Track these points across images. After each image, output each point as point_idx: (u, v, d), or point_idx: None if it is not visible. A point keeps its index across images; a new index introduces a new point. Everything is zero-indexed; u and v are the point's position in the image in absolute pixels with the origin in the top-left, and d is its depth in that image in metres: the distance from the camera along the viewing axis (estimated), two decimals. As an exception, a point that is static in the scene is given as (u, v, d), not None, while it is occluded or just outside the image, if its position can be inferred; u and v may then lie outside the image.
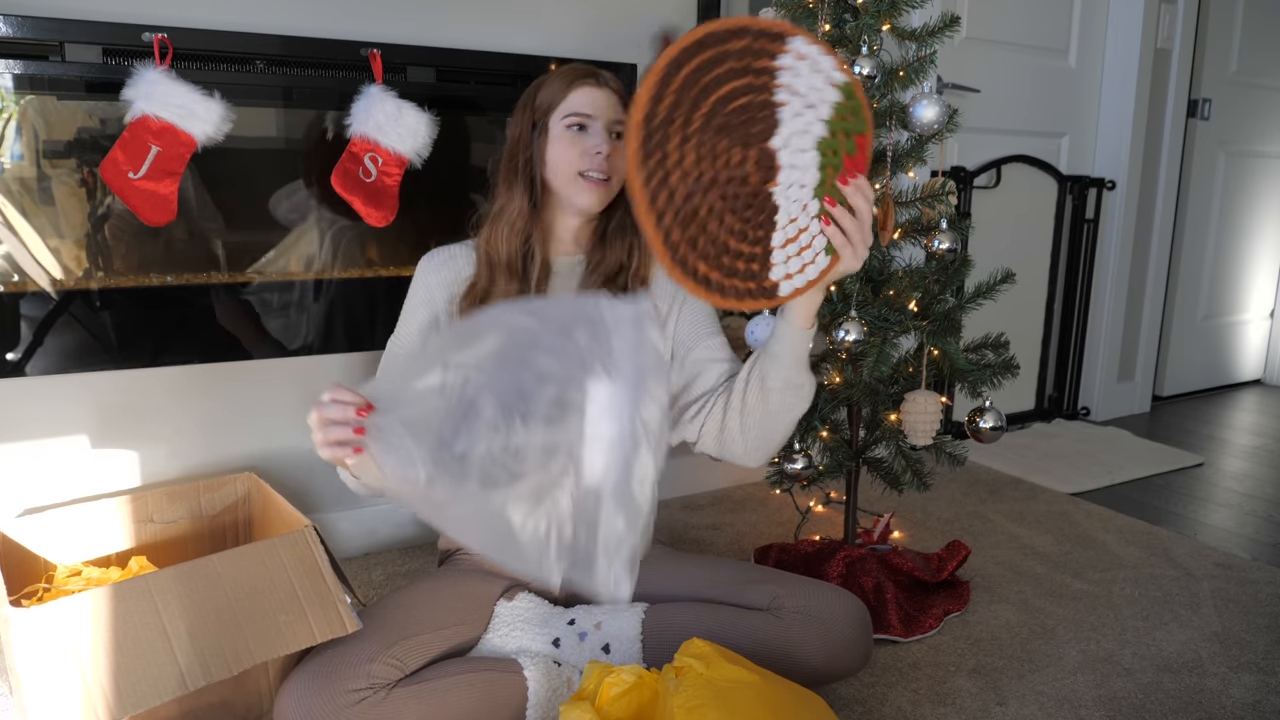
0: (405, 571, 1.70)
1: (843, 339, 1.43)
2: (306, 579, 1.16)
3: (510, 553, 0.94)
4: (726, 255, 1.02)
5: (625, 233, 1.29)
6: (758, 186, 1.02)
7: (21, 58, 1.37)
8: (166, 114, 1.38)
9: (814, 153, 1.04)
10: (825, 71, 1.03)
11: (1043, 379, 2.89)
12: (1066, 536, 1.94)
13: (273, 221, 1.60)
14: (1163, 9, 2.77)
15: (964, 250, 1.58)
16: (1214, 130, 3.08)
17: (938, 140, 1.52)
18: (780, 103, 1.01)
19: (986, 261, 1.90)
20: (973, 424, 1.50)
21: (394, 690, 1.07)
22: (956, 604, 1.58)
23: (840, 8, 1.53)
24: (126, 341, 1.50)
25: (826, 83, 1.03)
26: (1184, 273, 3.14)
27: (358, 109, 1.53)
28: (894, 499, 2.09)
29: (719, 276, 1.02)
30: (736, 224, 1.02)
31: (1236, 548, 1.95)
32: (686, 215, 0.99)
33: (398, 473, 0.92)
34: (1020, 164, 2.67)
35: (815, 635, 1.19)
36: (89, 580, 1.35)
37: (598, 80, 1.25)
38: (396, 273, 1.70)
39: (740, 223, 1.02)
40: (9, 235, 1.40)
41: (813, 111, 1.03)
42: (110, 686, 1.01)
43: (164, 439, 1.60)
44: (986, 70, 2.54)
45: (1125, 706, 1.32)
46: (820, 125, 1.04)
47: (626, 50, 1.87)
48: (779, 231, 1.05)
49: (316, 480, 1.74)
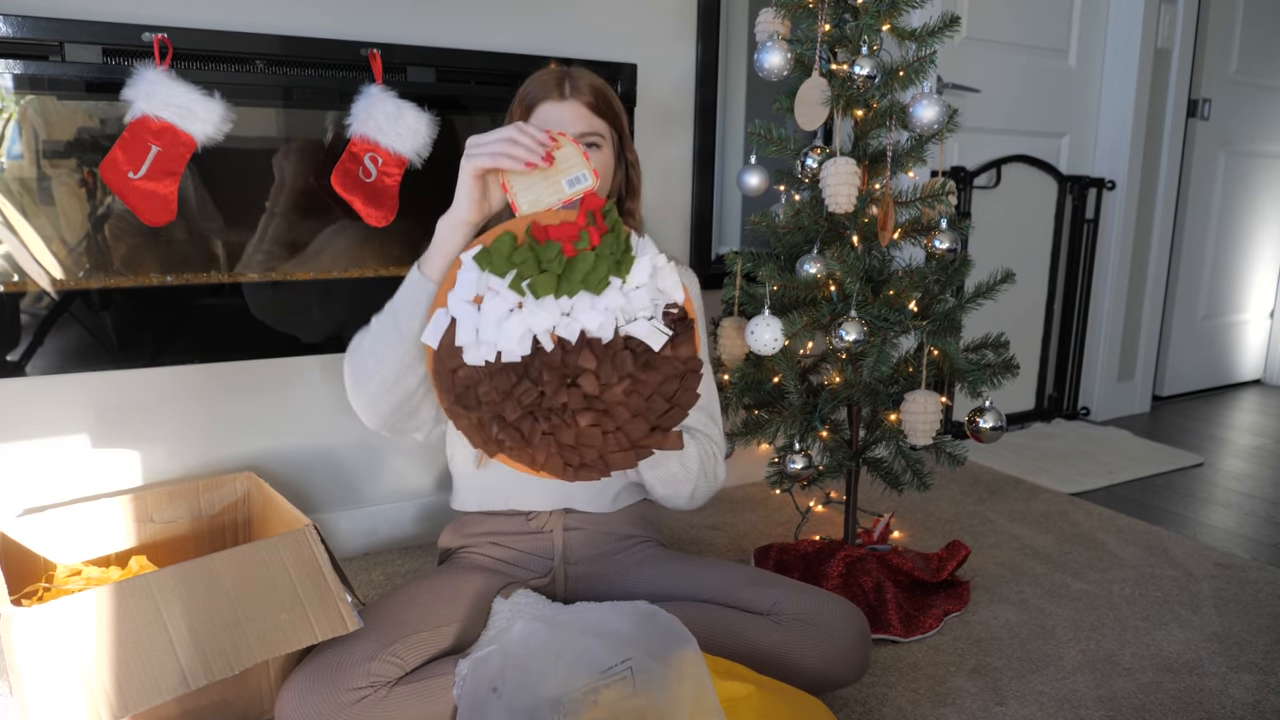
0: (405, 571, 1.70)
1: (843, 339, 1.43)
2: (307, 578, 1.16)
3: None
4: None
5: None
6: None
7: (21, 58, 1.37)
8: (166, 114, 1.38)
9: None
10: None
11: (1043, 379, 2.89)
12: (1066, 536, 1.94)
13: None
14: (1163, 9, 2.77)
15: (964, 250, 1.58)
16: (1214, 130, 3.08)
17: (938, 140, 1.52)
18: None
19: (986, 261, 1.91)
20: (973, 424, 1.50)
21: (394, 688, 1.07)
22: (956, 604, 1.58)
23: (840, 8, 1.53)
24: (126, 341, 1.50)
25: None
26: (1184, 272, 3.15)
27: (358, 109, 1.53)
28: (894, 499, 2.09)
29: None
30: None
31: (1236, 548, 1.95)
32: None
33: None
34: (1020, 164, 2.67)
35: (815, 644, 1.19)
36: (89, 580, 1.35)
37: (562, 93, 1.21)
38: (397, 273, 1.70)
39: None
40: (9, 235, 1.40)
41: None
42: (112, 685, 1.01)
43: (164, 439, 1.60)
44: (986, 70, 2.54)
45: (1125, 706, 1.32)
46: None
47: (627, 50, 1.87)
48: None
49: (316, 480, 1.74)
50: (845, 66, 1.48)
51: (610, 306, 1.02)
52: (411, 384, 1.14)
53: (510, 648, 1.07)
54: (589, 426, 1.02)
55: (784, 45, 1.50)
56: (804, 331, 1.53)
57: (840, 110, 1.50)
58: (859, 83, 1.45)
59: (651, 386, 1.03)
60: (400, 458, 1.82)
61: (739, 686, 1.03)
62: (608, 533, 1.38)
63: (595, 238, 1.02)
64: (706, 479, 1.26)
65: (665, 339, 1.04)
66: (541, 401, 1.01)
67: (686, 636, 1.04)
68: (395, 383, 1.14)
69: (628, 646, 1.03)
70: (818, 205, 1.56)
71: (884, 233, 1.48)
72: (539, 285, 1.01)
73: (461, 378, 1.02)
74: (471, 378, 1.02)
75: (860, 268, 1.49)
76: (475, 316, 1.01)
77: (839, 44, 1.51)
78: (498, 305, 1.01)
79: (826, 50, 1.53)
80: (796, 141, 1.60)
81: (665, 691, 0.98)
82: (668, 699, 0.98)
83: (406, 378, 1.13)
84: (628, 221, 1.29)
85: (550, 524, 1.36)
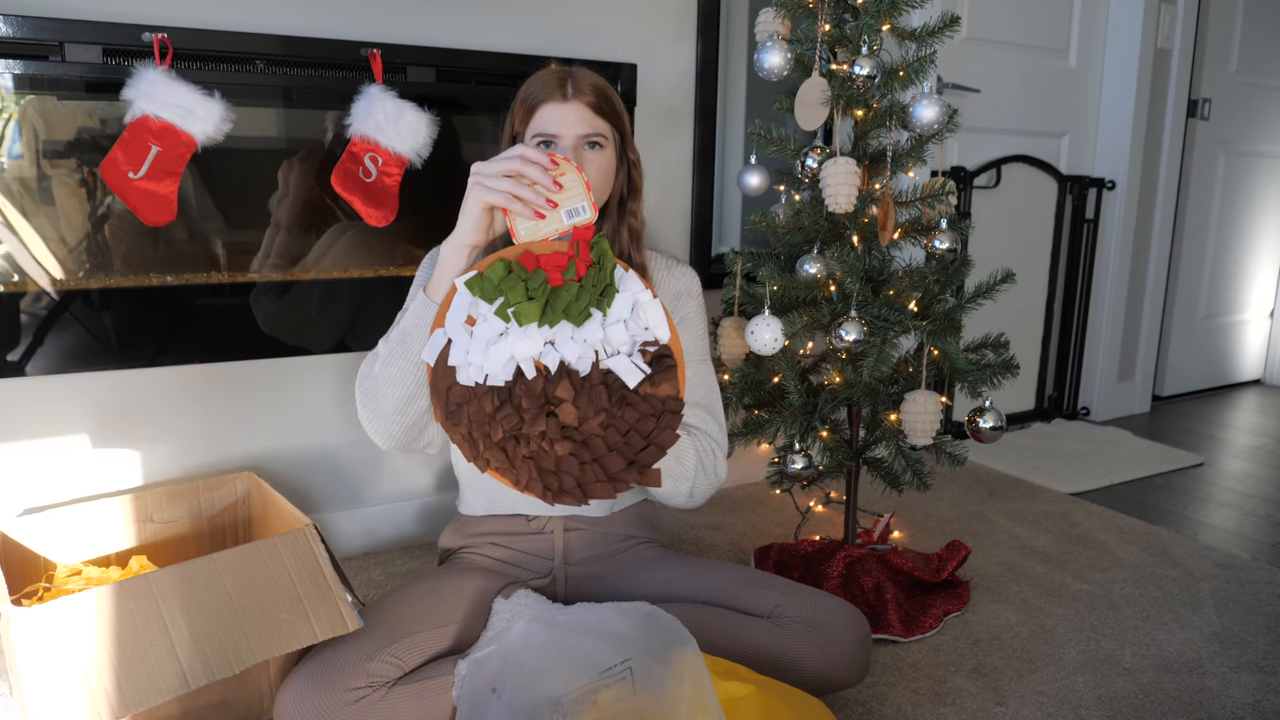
0: (405, 571, 1.70)
1: (843, 339, 1.43)
2: (307, 578, 1.16)
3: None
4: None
5: (618, 246, 1.28)
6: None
7: (21, 58, 1.37)
8: (166, 114, 1.38)
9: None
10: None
11: (1043, 379, 2.89)
12: (1066, 536, 1.94)
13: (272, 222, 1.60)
14: (1163, 9, 2.77)
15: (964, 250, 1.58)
16: (1214, 130, 3.08)
17: (938, 140, 1.52)
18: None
19: (986, 261, 1.90)
20: (973, 424, 1.50)
21: (393, 688, 1.07)
22: (956, 604, 1.58)
23: (840, 8, 1.53)
24: (126, 341, 1.50)
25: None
26: (1184, 272, 3.15)
27: (358, 109, 1.53)
28: (894, 499, 2.09)
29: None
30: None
31: (1236, 548, 1.95)
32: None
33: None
34: (1020, 164, 2.67)
35: (816, 646, 1.19)
36: (89, 580, 1.35)
37: (564, 94, 1.20)
38: (396, 273, 1.70)
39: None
40: (9, 235, 1.40)
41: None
42: (112, 685, 1.01)
43: (164, 439, 1.60)
44: (986, 70, 2.54)
45: (1125, 706, 1.32)
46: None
47: (627, 50, 1.87)
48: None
49: (316, 480, 1.74)
50: (845, 66, 1.48)
51: (590, 339, 1.04)
52: (423, 404, 1.16)
53: (510, 648, 1.07)
54: (567, 456, 1.05)
55: (784, 45, 1.50)
56: (804, 331, 1.53)
57: (840, 110, 1.50)
58: (859, 83, 1.45)
59: (628, 423, 1.05)
60: (400, 458, 1.82)
61: (738, 687, 1.03)
62: (608, 533, 1.38)
63: (582, 269, 1.04)
64: (706, 476, 1.26)
65: (641, 376, 1.04)
66: (521, 428, 1.04)
67: (686, 637, 1.04)
68: (407, 403, 1.15)
69: (627, 647, 1.03)
70: (818, 205, 1.55)
71: (884, 233, 1.48)
72: (523, 313, 1.03)
73: (454, 395, 1.05)
74: (462, 396, 1.05)
75: (860, 268, 1.49)
76: (467, 339, 1.05)
77: (839, 44, 1.51)
78: (486, 330, 1.04)
79: (826, 50, 1.53)
80: (796, 141, 1.60)
81: (665, 692, 0.98)
82: (667, 699, 0.98)
83: (418, 398, 1.15)
84: (629, 221, 1.29)
85: (550, 525, 1.36)
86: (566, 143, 1.19)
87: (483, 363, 1.03)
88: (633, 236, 1.29)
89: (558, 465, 1.05)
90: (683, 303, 1.35)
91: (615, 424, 1.05)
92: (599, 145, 1.22)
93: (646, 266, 1.31)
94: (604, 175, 1.23)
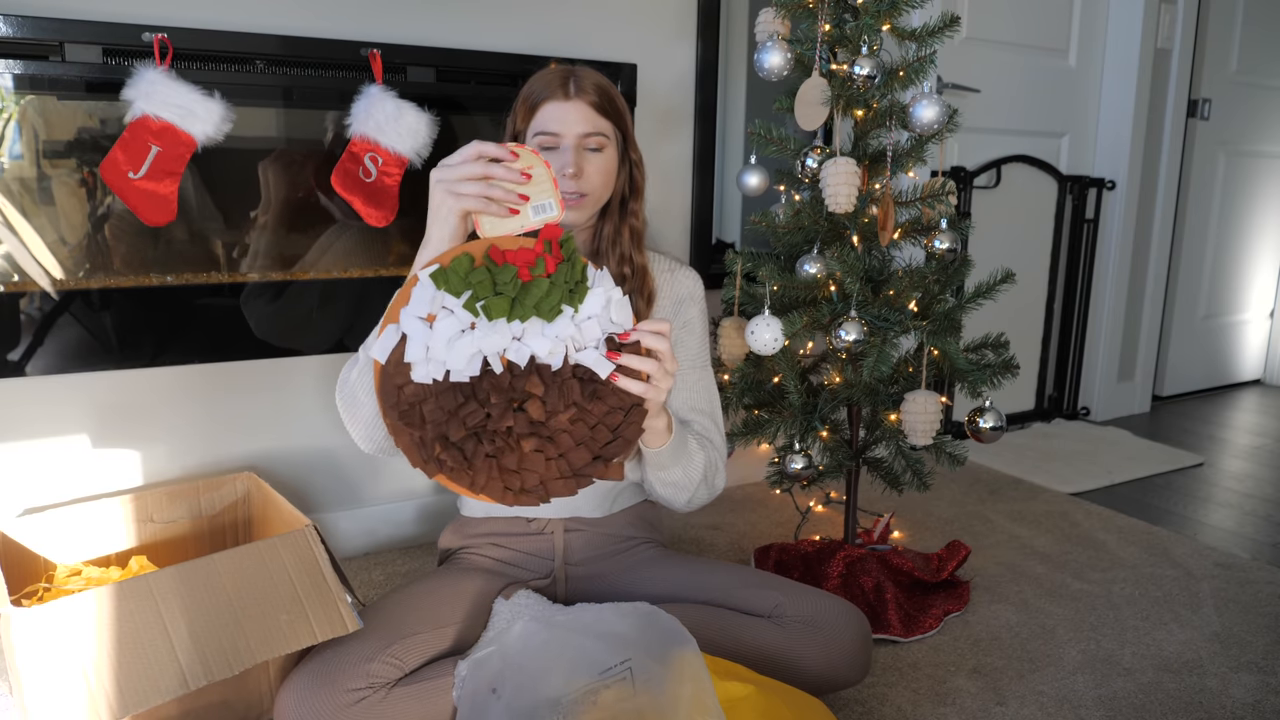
0: (405, 571, 1.70)
1: (843, 339, 1.43)
2: (307, 578, 1.16)
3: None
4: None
5: (619, 246, 1.28)
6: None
7: (21, 58, 1.37)
8: (166, 114, 1.38)
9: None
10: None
11: (1043, 379, 2.89)
12: (1066, 536, 1.94)
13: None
14: (1163, 9, 2.77)
15: (964, 250, 1.58)
16: (1214, 130, 3.08)
17: (938, 140, 1.52)
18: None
19: (986, 261, 1.90)
20: (973, 424, 1.50)
21: (393, 689, 1.07)
22: (956, 604, 1.58)
23: (840, 8, 1.53)
24: (126, 341, 1.50)
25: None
26: (1184, 272, 3.15)
27: (358, 109, 1.53)
28: (894, 499, 2.09)
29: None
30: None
31: (1236, 548, 1.95)
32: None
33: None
34: (1020, 164, 2.67)
35: (816, 646, 1.19)
36: (89, 580, 1.35)
37: (566, 93, 1.20)
38: (396, 272, 1.70)
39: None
40: (9, 235, 1.40)
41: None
42: (112, 685, 1.01)
43: (164, 439, 1.60)
44: (986, 70, 2.54)
45: (1125, 706, 1.32)
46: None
47: (627, 50, 1.87)
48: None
49: (316, 480, 1.74)
50: (845, 66, 1.48)
51: (561, 334, 1.03)
52: None
53: (510, 649, 1.07)
54: (532, 452, 1.03)
55: (784, 45, 1.50)
56: (804, 331, 1.53)
57: (840, 110, 1.50)
58: (859, 83, 1.45)
59: (597, 416, 1.04)
60: (400, 458, 1.81)
61: (739, 687, 1.03)
62: (608, 534, 1.38)
63: (551, 265, 1.03)
64: (706, 487, 1.28)
65: (612, 368, 1.04)
66: (487, 424, 1.02)
67: (686, 637, 1.04)
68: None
69: (627, 647, 1.03)
70: (818, 205, 1.55)
71: (884, 233, 1.48)
72: (493, 307, 1.02)
73: (407, 394, 1.02)
74: (417, 395, 1.02)
75: (860, 268, 1.49)
76: (427, 334, 1.01)
77: (839, 44, 1.51)
78: (450, 324, 1.01)
79: (826, 50, 1.53)
80: (796, 141, 1.60)
81: (665, 692, 0.98)
82: (667, 699, 0.98)
83: None
84: (630, 221, 1.29)
85: (550, 526, 1.36)
86: (568, 141, 1.19)
87: (445, 358, 1.01)
88: (634, 237, 1.28)
89: (520, 463, 1.03)
90: (685, 308, 1.35)
91: (584, 418, 1.04)
92: (601, 145, 1.21)
93: (647, 268, 1.30)
94: (606, 175, 1.22)
